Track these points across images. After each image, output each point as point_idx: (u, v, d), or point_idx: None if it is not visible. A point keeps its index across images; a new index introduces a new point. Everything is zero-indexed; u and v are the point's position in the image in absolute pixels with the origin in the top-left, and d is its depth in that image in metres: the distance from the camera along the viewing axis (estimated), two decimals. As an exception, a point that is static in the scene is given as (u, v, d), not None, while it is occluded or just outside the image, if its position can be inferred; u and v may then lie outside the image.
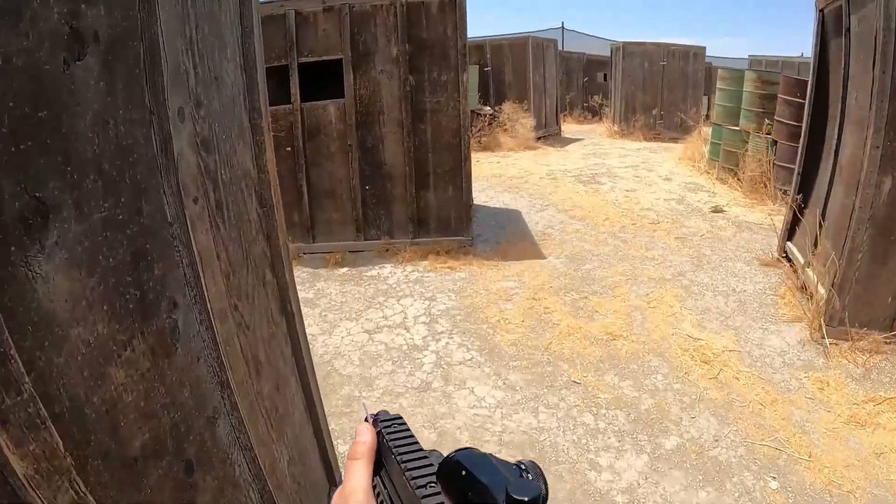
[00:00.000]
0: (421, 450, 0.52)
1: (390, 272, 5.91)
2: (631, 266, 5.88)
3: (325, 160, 6.20)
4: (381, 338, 4.60)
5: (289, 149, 6.17)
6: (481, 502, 0.40)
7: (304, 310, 5.20)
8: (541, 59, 13.26)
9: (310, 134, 6.13)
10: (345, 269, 6.10)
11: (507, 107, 12.46)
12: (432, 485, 0.46)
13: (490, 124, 12.23)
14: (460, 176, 6.01)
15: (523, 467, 0.45)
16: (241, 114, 1.68)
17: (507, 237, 6.73)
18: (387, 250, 6.29)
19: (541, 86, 13.34)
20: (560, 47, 16.28)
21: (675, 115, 13.66)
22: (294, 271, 5.77)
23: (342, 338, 4.68)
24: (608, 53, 15.66)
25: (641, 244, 6.52)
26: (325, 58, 5.83)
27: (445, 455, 0.47)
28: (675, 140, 12.87)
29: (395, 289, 5.51)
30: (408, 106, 5.79)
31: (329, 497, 2.21)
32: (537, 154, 12.26)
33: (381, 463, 0.55)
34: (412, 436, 0.55)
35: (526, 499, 0.37)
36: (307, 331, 4.12)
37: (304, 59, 5.85)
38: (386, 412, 0.59)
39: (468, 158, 5.98)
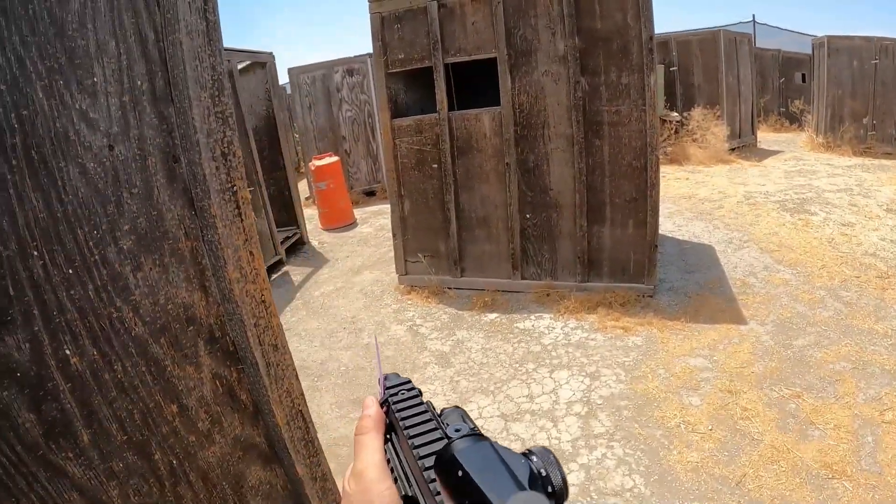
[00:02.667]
0: (430, 420, 0.55)
1: (548, 326, 5.46)
2: (857, 346, 4.68)
3: (477, 181, 5.84)
4: (519, 430, 4.33)
5: (435, 166, 6.06)
6: None
7: (435, 371, 5.33)
8: (734, 57, 12.58)
9: (460, 149, 5.80)
10: (494, 316, 5.92)
11: (697, 113, 12.01)
12: None
13: (677, 133, 11.86)
14: (644, 208, 5.19)
15: (534, 459, 0.44)
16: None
17: (698, 287, 5.84)
18: (547, 295, 5.78)
19: (734, 88, 12.71)
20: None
21: (889, 126, 12.30)
22: (434, 311, 5.93)
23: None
24: (807, 50, 14.89)
25: (869, 310, 5.21)
26: (475, 57, 5.40)
27: (457, 432, 0.49)
28: (889, 156, 11.72)
29: (551, 353, 5.12)
30: (579, 116, 5.13)
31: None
32: (732, 169, 11.36)
33: (391, 432, 0.59)
34: (422, 402, 0.58)
35: None
36: (434, 399, 4.10)
37: (451, 59, 5.47)
38: (396, 375, 0.64)
39: (655, 186, 5.11)
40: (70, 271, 1.40)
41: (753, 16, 20.57)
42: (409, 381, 0.63)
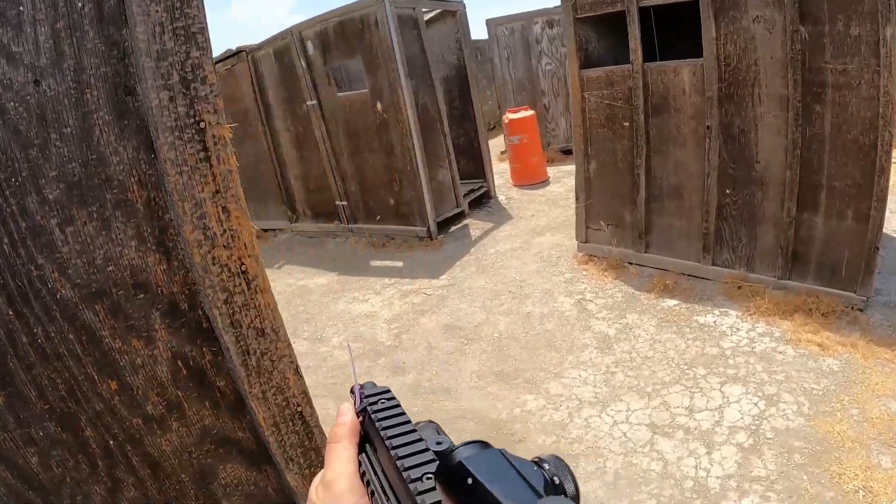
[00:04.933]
0: (414, 430, 0.52)
1: (732, 326, 4.48)
2: None
3: (672, 145, 4.95)
4: (665, 447, 3.61)
5: (626, 124, 5.28)
6: None
7: (593, 355, 4.74)
8: None
9: (654, 107, 4.93)
10: (672, 303, 5.11)
11: None
12: (428, 477, 0.46)
13: None
14: (869, 198, 3.96)
15: (546, 467, 0.43)
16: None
17: None
18: (738, 288, 4.77)
19: None
20: None
21: None
22: (608, 286, 5.31)
23: (613, 421, 3.92)
24: None
25: None
26: (674, -1, 4.62)
27: (446, 446, 0.49)
28: None
29: (728, 360, 4.15)
30: (796, 75, 3.99)
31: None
32: None
33: (367, 442, 0.56)
34: (403, 413, 0.55)
35: None
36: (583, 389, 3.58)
37: (646, 2, 4.59)
38: (373, 384, 0.61)
39: (886, 171, 3.84)
40: (-21, 219, 1.17)
41: None
42: (389, 391, 0.59)
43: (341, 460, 0.55)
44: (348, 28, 6.88)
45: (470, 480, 0.40)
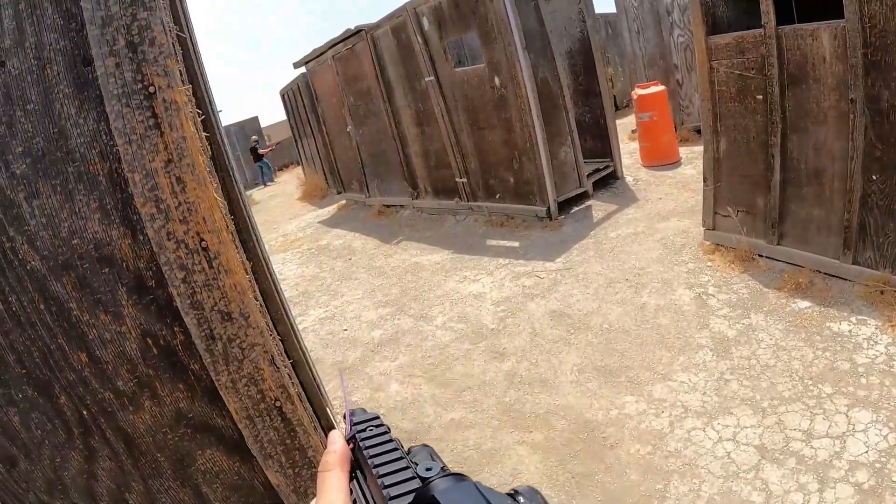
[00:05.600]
0: (401, 458, 0.52)
1: (870, 337, 3.81)
2: None
3: (811, 122, 4.29)
4: (772, 476, 2.95)
5: (759, 97, 4.71)
6: None
7: (706, 358, 4.29)
8: None
9: (791, 78, 4.29)
10: (804, 304, 4.49)
11: None
12: None
13: None
14: None
15: (521, 499, 0.43)
16: None
17: None
18: (881, 293, 4.02)
19: None
20: None
21: None
22: (734, 280, 4.86)
23: (718, 437, 3.50)
24: None
25: None
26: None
27: (430, 474, 0.48)
28: None
29: (860, 378, 3.50)
30: None
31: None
32: None
33: (358, 469, 0.56)
34: (390, 440, 0.56)
35: None
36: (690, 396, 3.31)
37: None
38: (363, 410, 0.62)
39: None
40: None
41: None
42: (378, 417, 0.60)
43: (333, 489, 0.54)
44: (462, 2, 6.74)
45: None
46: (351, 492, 0.55)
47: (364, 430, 0.58)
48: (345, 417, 0.62)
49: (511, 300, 5.74)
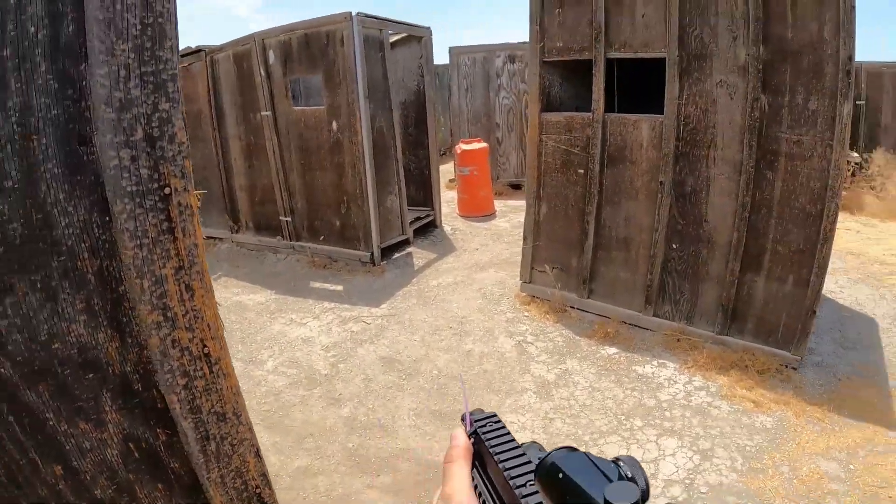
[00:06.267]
0: (517, 447, 0.59)
1: (669, 378, 4.49)
2: None
3: (624, 197, 4.99)
4: None
5: (581, 171, 5.27)
6: None
7: (531, 400, 4.66)
8: None
9: (610, 158, 4.97)
10: (612, 351, 5.09)
11: (879, 156, 10.26)
12: (531, 483, 0.53)
13: (854, 176, 10.14)
14: (811, 264, 4.11)
15: (621, 464, 0.49)
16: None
17: (851, 369, 4.62)
18: (678, 340, 4.81)
19: None
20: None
21: None
22: (549, 330, 5.24)
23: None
24: None
25: None
26: (641, 55, 4.51)
27: (544, 454, 0.53)
28: None
29: (665, 412, 4.21)
30: (752, 141, 4.11)
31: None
32: None
33: (478, 462, 0.62)
34: (508, 433, 0.62)
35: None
36: (515, 432, 3.63)
37: (614, 54, 4.62)
38: (481, 410, 0.67)
39: (829, 240, 4.02)
40: None
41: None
42: (496, 415, 0.65)
43: (458, 476, 0.60)
44: (313, 42, 6.67)
45: (561, 475, 0.48)
46: (472, 479, 0.60)
47: (484, 426, 0.63)
48: (463, 419, 0.66)
49: (340, 345, 5.67)
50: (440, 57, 9.42)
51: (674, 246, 4.82)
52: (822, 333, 5.10)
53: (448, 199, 9.88)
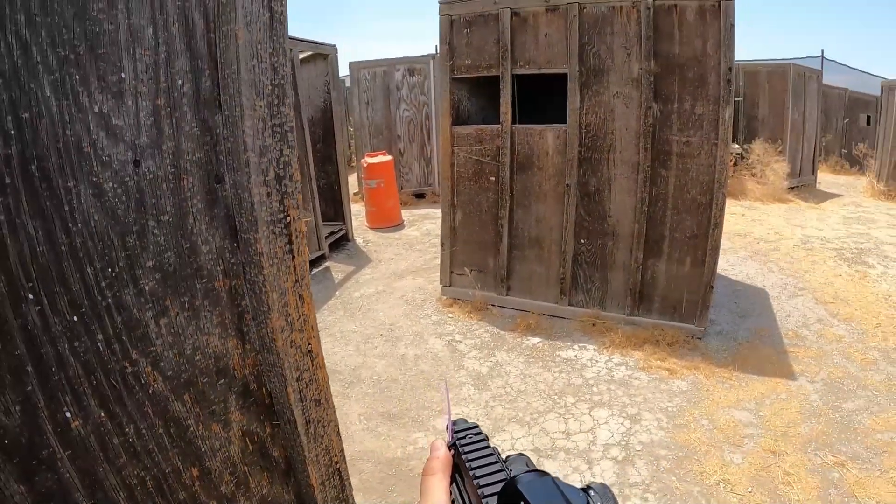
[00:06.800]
0: (496, 462, 0.58)
1: (591, 358, 5.03)
2: (907, 416, 4.38)
3: (534, 200, 5.47)
4: (551, 468, 3.90)
5: (492, 179, 5.68)
6: None
7: (471, 392, 4.98)
8: (801, 92, 11.92)
9: (519, 165, 5.43)
10: (536, 340, 5.53)
11: (758, 146, 11.37)
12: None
13: (736, 165, 11.26)
14: (705, 247, 4.78)
15: (591, 493, 0.48)
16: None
17: (749, 334, 5.40)
18: (593, 325, 5.37)
19: (799, 125, 12.03)
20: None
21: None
22: (475, 328, 5.57)
23: (501, 449, 4.06)
24: (875, 91, 14.04)
25: (922, 378, 4.85)
26: (545, 70, 5.02)
27: (509, 476, 0.54)
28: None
29: (592, 388, 4.72)
30: (647, 143, 4.72)
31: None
32: (789, 210, 10.76)
33: (457, 473, 0.61)
34: (488, 446, 0.62)
35: None
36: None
37: (519, 71, 5.11)
38: (464, 420, 0.68)
39: (719, 225, 4.70)
40: (75, 318, 1.07)
41: (822, 51, 19.31)
42: (477, 426, 0.65)
43: (436, 491, 0.59)
44: None
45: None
46: (451, 493, 0.59)
47: (464, 438, 0.63)
48: (447, 427, 0.66)
49: (273, 363, 5.68)
50: (341, 71, 9.53)
51: (582, 241, 5.31)
52: (721, 306, 5.82)
53: (356, 213, 10.02)
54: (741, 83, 11.83)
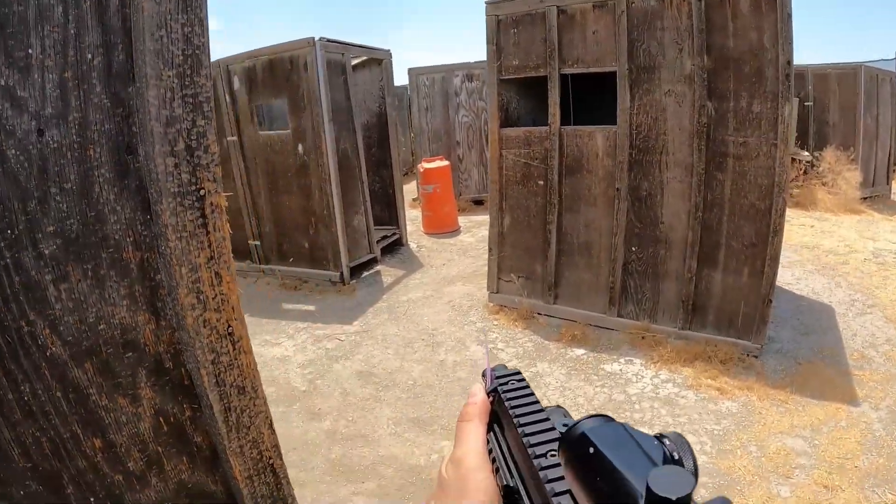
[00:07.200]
0: (541, 410, 0.55)
1: (637, 373, 4.77)
2: None
3: (583, 204, 5.29)
4: None
5: (541, 182, 5.54)
6: (611, 492, 0.37)
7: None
8: (874, 96, 11.03)
9: (568, 168, 5.27)
10: (581, 352, 5.34)
11: (829, 154, 10.70)
12: (553, 453, 0.47)
13: (805, 174, 10.61)
14: (763, 256, 4.44)
15: (666, 442, 0.41)
16: None
17: (810, 353, 4.97)
18: (642, 338, 5.10)
19: (872, 131, 11.15)
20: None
21: None
22: (519, 336, 5.45)
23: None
24: None
25: None
26: (593, 69, 4.86)
27: (572, 422, 0.48)
28: None
29: (634, 405, 4.50)
30: (701, 145, 4.46)
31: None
32: (861, 221, 9.93)
33: (495, 422, 0.58)
34: (532, 393, 0.58)
35: (673, 498, 0.33)
36: None
37: (567, 70, 4.97)
38: (504, 366, 0.64)
39: (779, 232, 4.36)
40: (-28, 274, 1.11)
41: (897, 53, 18.00)
42: (520, 373, 0.61)
43: (471, 438, 0.56)
44: (277, 67, 6.85)
45: (591, 450, 0.40)
46: (487, 442, 0.56)
47: (506, 384, 0.59)
48: (483, 374, 0.63)
49: (316, 362, 5.77)
50: (400, 78, 9.67)
51: (633, 248, 5.10)
52: (782, 322, 5.44)
53: (412, 218, 10.09)
54: (810, 87, 11.16)
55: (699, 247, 4.75)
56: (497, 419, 0.58)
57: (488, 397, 0.61)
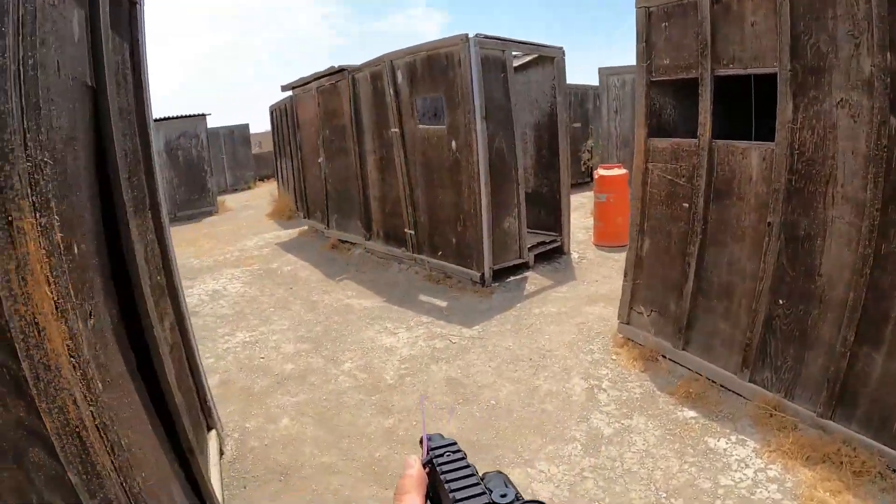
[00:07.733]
0: (477, 483, 0.54)
1: (743, 459, 3.73)
2: None
3: (729, 237, 4.33)
4: None
5: (685, 205, 4.60)
6: None
7: (573, 452, 4.09)
8: None
9: (717, 192, 4.36)
10: (691, 414, 4.29)
11: None
12: None
13: None
14: None
15: None
16: None
17: None
18: (770, 415, 4.00)
19: None
20: None
21: None
22: (630, 378, 4.62)
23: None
24: None
25: None
26: (751, 70, 3.90)
27: (512, 493, 0.51)
28: None
29: (715, 499, 3.32)
30: (879, 175, 3.24)
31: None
32: None
33: (432, 493, 0.58)
34: (467, 465, 0.57)
35: None
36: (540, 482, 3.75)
37: (722, 71, 4.06)
38: (440, 436, 0.64)
39: None
40: None
41: None
42: (455, 443, 0.61)
43: None
44: (434, 63, 6.84)
45: None
46: None
47: (441, 455, 0.59)
48: (421, 442, 0.62)
49: (417, 359, 5.62)
50: (590, 78, 8.86)
51: (780, 301, 4.02)
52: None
53: (587, 227, 9.34)
54: None
55: (861, 314, 3.51)
56: (434, 490, 0.58)
57: (424, 468, 0.60)
